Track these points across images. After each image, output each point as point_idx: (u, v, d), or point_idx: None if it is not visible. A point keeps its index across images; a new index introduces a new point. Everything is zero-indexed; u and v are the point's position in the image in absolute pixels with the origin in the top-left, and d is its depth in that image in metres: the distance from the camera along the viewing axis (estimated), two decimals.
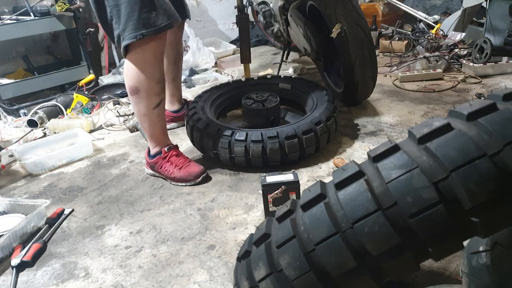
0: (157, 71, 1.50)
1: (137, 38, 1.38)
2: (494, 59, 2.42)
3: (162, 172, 1.64)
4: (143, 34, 1.38)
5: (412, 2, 3.68)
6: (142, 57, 1.45)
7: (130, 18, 1.37)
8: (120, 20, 1.39)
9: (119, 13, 1.38)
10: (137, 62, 1.46)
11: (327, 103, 1.72)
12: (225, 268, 1.13)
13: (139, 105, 1.54)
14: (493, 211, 0.52)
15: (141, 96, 1.51)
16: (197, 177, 1.60)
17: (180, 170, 1.60)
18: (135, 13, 1.37)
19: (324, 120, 1.62)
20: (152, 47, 1.43)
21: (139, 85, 1.49)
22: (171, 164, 1.61)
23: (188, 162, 1.64)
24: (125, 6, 1.37)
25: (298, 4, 2.16)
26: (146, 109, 1.55)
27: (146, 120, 1.57)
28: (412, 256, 0.57)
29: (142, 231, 1.35)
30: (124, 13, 1.37)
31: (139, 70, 1.46)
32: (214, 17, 4.02)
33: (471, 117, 0.56)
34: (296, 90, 1.98)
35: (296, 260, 0.62)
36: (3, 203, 1.50)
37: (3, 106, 2.52)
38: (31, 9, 2.59)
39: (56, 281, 1.17)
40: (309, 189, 0.68)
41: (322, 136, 1.61)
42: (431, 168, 0.55)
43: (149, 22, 1.38)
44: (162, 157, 1.62)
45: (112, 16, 1.41)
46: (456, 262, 1.03)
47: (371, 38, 1.91)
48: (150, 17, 1.38)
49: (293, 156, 1.58)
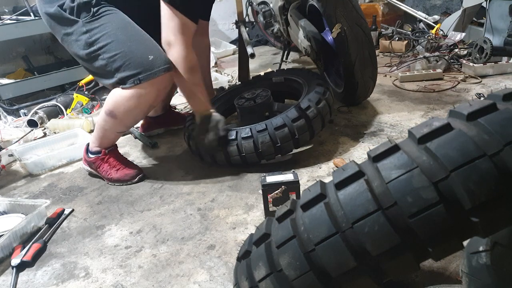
0: (143, 115, 1.53)
1: (135, 83, 1.41)
2: (494, 59, 2.42)
3: (99, 172, 1.67)
4: (140, 79, 1.41)
5: (412, 2, 3.68)
6: (135, 101, 1.47)
7: (127, 65, 1.41)
8: (119, 69, 1.42)
9: (115, 63, 1.42)
10: (129, 100, 1.47)
11: (317, 86, 1.68)
12: (225, 268, 1.13)
13: (106, 122, 1.56)
14: (493, 211, 0.52)
15: (114, 122, 1.54)
16: (133, 178, 1.64)
17: (117, 172, 1.64)
18: (132, 60, 1.40)
19: (314, 104, 1.57)
20: (149, 92, 1.45)
21: (118, 115, 1.51)
22: (108, 165, 1.64)
23: (126, 163, 1.68)
24: (121, 55, 1.41)
25: (298, 4, 2.16)
26: (111, 130, 1.59)
27: (104, 129, 1.60)
28: (412, 256, 0.57)
29: (142, 231, 1.35)
30: (121, 61, 1.41)
31: (127, 106, 1.48)
32: (214, 17, 4.02)
33: (471, 117, 0.56)
34: (288, 80, 1.96)
35: (296, 260, 0.62)
36: (3, 203, 1.50)
37: (3, 106, 2.52)
38: (31, 9, 2.59)
39: (56, 281, 1.17)
40: (309, 189, 0.68)
41: (314, 120, 1.57)
42: (431, 168, 0.55)
43: (147, 67, 1.40)
44: (101, 157, 1.65)
45: (109, 67, 1.44)
46: (456, 262, 1.03)
47: (371, 38, 1.91)
48: (147, 62, 1.41)
49: (287, 146, 1.56)
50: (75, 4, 1.43)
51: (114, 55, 1.42)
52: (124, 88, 1.45)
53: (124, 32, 1.44)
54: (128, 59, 1.41)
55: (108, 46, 1.42)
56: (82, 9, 1.44)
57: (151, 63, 1.41)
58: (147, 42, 1.46)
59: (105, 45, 1.42)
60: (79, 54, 1.49)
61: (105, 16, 1.45)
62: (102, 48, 1.43)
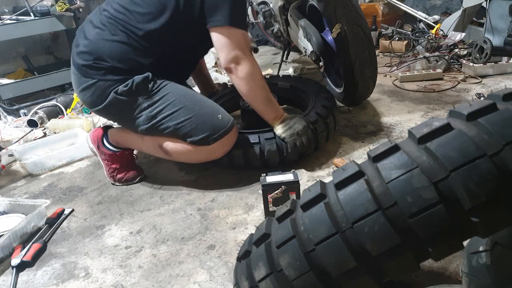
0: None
1: (209, 144, 1.43)
2: (494, 59, 2.42)
3: (104, 165, 1.66)
4: (214, 139, 1.43)
5: (412, 2, 3.68)
6: (204, 156, 1.50)
7: (199, 129, 1.42)
8: (189, 134, 1.43)
9: (184, 128, 1.42)
10: (195, 153, 1.48)
11: (325, 101, 1.71)
12: (225, 268, 1.13)
13: (153, 151, 1.56)
14: (493, 211, 0.52)
15: (164, 155, 1.54)
16: (134, 178, 1.65)
17: (121, 171, 1.64)
18: (204, 123, 1.42)
19: (321, 119, 1.61)
20: (219, 149, 1.47)
21: (174, 156, 1.52)
22: (117, 164, 1.63)
23: (131, 163, 1.68)
24: (191, 120, 1.42)
25: (298, 4, 2.16)
26: (152, 152, 1.59)
27: (143, 150, 1.61)
28: (412, 256, 0.57)
29: (142, 231, 1.35)
30: (191, 126, 1.42)
31: (189, 156, 1.50)
32: None
33: (471, 117, 0.56)
34: (294, 89, 1.98)
35: (296, 260, 0.62)
36: (3, 203, 1.50)
37: (3, 106, 2.52)
38: (31, 9, 2.59)
39: (56, 281, 1.17)
40: (309, 189, 0.68)
41: (320, 134, 1.60)
42: (431, 168, 0.55)
43: (218, 127, 1.43)
44: (116, 155, 1.63)
45: (176, 134, 1.44)
46: (456, 262, 1.03)
47: (371, 38, 1.91)
48: (218, 121, 1.43)
49: (292, 156, 1.58)
50: (129, 86, 1.41)
51: (182, 121, 1.42)
52: (195, 146, 1.45)
53: (187, 98, 1.45)
54: (200, 123, 1.42)
55: (174, 114, 1.42)
56: (139, 88, 1.42)
57: (222, 122, 1.44)
58: (210, 103, 1.49)
59: (171, 113, 1.42)
60: (140, 129, 1.47)
61: (163, 87, 1.44)
62: (166, 118, 1.42)
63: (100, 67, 1.42)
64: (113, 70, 1.42)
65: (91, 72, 1.43)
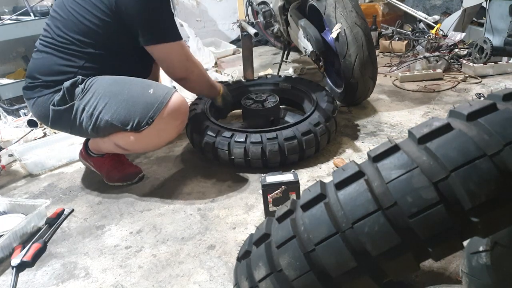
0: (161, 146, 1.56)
1: (149, 124, 1.35)
2: (494, 59, 2.43)
3: (98, 172, 1.66)
4: (151, 117, 1.35)
5: (412, 2, 3.68)
6: (155, 139, 1.43)
7: (133, 112, 1.36)
8: (127, 121, 1.37)
9: (120, 116, 1.37)
10: (146, 138, 1.41)
11: (326, 103, 1.73)
12: (225, 268, 1.13)
13: (115, 149, 1.51)
14: (493, 211, 0.52)
15: (125, 152, 1.53)
16: (133, 178, 1.65)
17: (118, 172, 1.63)
18: (135, 104, 1.36)
19: (323, 121, 1.62)
20: (167, 123, 1.39)
21: (133, 150, 1.51)
22: (110, 165, 1.63)
23: (126, 163, 1.67)
24: (122, 106, 1.36)
25: (298, 4, 2.16)
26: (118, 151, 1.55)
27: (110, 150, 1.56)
28: (412, 256, 0.57)
29: (142, 231, 1.35)
30: (124, 112, 1.36)
31: (145, 143, 1.45)
32: (214, 17, 4.02)
33: (471, 117, 0.56)
34: (296, 90, 1.99)
35: (296, 260, 0.62)
36: (3, 203, 1.50)
37: (3, 106, 2.51)
38: (31, 9, 2.58)
39: (56, 281, 1.17)
40: (309, 189, 0.68)
41: (322, 137, 1.61)
42: (431, 168, 0.55)
43: (152, 102, 1.35)
44: (103, 158, 1.63)
45: (117, 125, 1.38)
46: (456, 262, 1.03)
47: (371, 38, 1.91)
48: (150, 97, 1.36)
49: (292, 158, 1.58)
50: (62, 94, 1.39)
51: (115, 110, 1.36)
52: (139, 131, 1.38)
53: (116, 85, 1.39)
54: (131, 105, 1.35)
55: (106, 106, 1.37)
56: (71, 92, 1.39)
57: (154, 97, 1.36)
58: (139, 82, 1.42)
59: (104, 106, 1.37)
60: (89, 132, 1.44)
61: (93, 84, 1.39)
62: (101, 112, 1.37)
63: (35, 85, 1.43)
64: (45, 85, 1.42)
65: (29, 93, 1.46)
